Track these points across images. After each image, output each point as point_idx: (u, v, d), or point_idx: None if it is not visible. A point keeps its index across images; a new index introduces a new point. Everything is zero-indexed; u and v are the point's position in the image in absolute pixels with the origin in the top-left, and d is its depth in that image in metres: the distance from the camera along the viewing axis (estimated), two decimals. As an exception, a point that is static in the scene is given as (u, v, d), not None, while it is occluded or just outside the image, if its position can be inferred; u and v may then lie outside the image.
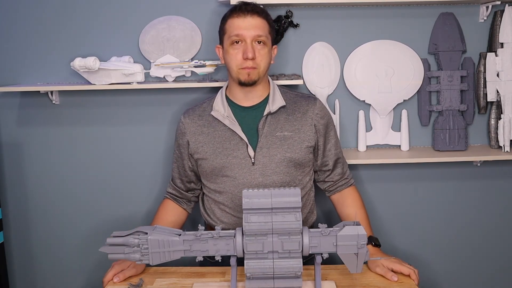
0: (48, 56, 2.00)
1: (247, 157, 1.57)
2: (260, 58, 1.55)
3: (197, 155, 1.63)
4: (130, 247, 1.26)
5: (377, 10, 1.97)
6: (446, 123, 1.98)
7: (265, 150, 1.57)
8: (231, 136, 1.59)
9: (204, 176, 1.66)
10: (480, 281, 2.16)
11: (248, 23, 1.54)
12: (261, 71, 1.56)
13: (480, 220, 2.12)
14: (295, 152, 1.59)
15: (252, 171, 1.57)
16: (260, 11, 1.57)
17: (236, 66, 1.56)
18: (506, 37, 1.91)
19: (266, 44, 1.56)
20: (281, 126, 1.60)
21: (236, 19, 1.55)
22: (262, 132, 1.58)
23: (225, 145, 1.59)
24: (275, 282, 1.26)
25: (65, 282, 2.15)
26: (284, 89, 1.69)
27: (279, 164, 1.57)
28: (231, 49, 1.56)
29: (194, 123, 1.65)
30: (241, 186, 1.57)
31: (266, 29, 1.57)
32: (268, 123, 1.59)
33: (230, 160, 1.58)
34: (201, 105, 1.69)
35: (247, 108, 1.62)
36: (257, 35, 1.54)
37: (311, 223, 1.70)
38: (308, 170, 1.66)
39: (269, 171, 1.57)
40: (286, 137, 1.59)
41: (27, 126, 2.06)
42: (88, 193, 2.09)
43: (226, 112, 1.61)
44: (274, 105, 1.60)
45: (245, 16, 1.54)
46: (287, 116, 1.61)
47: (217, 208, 1.64)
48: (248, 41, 1.53)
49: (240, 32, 1.54)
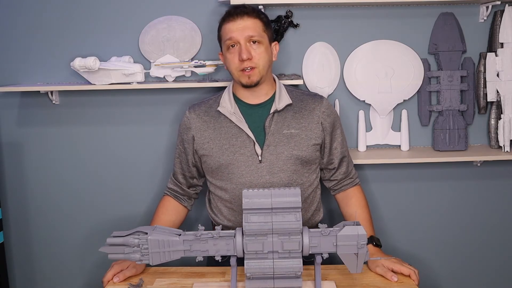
0: (48, 56, 2.00)
1: (254, 155, 1.57)
2: (257, 57, 1.55)
3: (202, 151, 1.63)
4: (130, 247, 1.26)
5: (377, 10, 1.97)
6: (446, 123, 1.98)
7: (272, 148, 1.57)
8: (238, 133, 1.59)
9: (209, 172, 1.66)
10: (480, 281, 2.16)
11: (239, 25, 1.55)
12: (261, 69, 1.56)
13: (480, 220, 2.12)
14: (302, 149, 1.59)
15: (259, 169, 1.57)
16: (250, 11, 1.58)
17: (235, 70, 1.57)
18: (506, 37, 1.91)
19: (261, 42, 1.56)
20: (288, 124, 1.60)
21: (228, 24, 1.57)
22: (269, 130, 1.59)
23: (231, 142, 1.59)
24: (275, 282, 1.26)
25: (65, 282, 2.15)
26: (290, 88, 1.69)
27: (286, 162, 1.58)
28: (228, 54, 1.58)
29: (200, 118, 1.64)
30: (248, 183, 1.57)
31: (259, 28, 1.57)
32: (274, 121, 1.60)
33: (237, 157, 1.58)
34: (207, 101, 1.69)
35: (253, 106, 1.63)
36: (249, 36, 1.54)
37: (318, 221, 1.69)
38: (314, 167, 1.66)
39: (276, 168, 1.57)
40: (293, 134, 1.59)
41: (27, 126, 2.06)
42: (88, 193, 2.10)
43: (233, 108, 1.61)
44: (280, 103, 1.60)
45: (235, 19, 1.55)
46: (293, 113, 1.61)
47: (223, 206, 1.64)
48: (242, 43, 1.54)
49: (233, 35, 1.55)
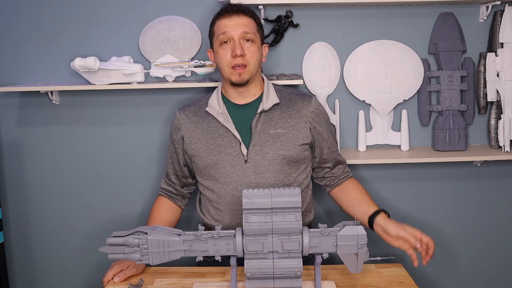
0: (48, 56, 2.00)
1: (240, 155, 1.57)
2: (250, 55, 1.55)
3: (191, 151, 1.63)
4: (130, 247, 1.26)
5: (377, 10, 1.97)
6: (446, 123, 1.98)
7: (257, 148, 1.57)
8: (225, 133, 1.59)
9: (197, 172, 1.66)
10: (481, 281, 2.15)
11: (235, 21, 1.55)
12: (251, 68, 1.56)
13: (480, 220, 2.12)
14: (289, 149, 1.58)
15: (244, 169, 1.57)
16: (246, 10, 1.58)
17: (226, 66, 1.56)
18: (506, 37, 1.91)
19: (254, 41, 1.56)
20: (275, 124, 1.59)
21: (223, 20, 1.56)
22: (256, 130, 1.58)
23: (218, 142, 1.59)
24: (275, 282, 1.26)
25: (65, 282, 2.15)
26: (279, 87, 1.69)
27: (271, 162, 1.57)
28: (220, 49, 1.56)
29: (189, 119, 1.65)
30: (234, 184, 1.57)
31: (253, 27, 1.57)
32: (261, 120, 1.59)
33: (223, 157, 1.58)
34: (197, 102, 1.70)
35: (241, 106, 1.63)
36: (244, 32, 1.54)
37: (308, 222, 1.68)
38: (304, 167, 1.64)
39: (261, 169, 1.57)
40: (280, 134, 1.58)
41: (27, 126, 2.06)
42: (89, 193, 2.10)
43: (221, 109, 1.61)
44: (267, 103, 1.60)
45: (231, 16, 1.55)
46: (281, 113, 1.61)
47: (211, 206, 1.64)
48: (236, 39, 1.54)
49: (227, 30, 1.54)
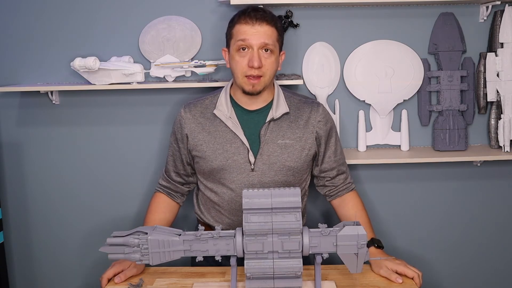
0: (48, 56, 2.00)
1: (247, 163, 1.56)
2: (266, 67, 1.51)
3: (196, 153, 1.61)
4: (130, 247, 1.26)
5: (377, 10, 1.97)
6: (446, 123, 1.98)
7: (265, 157, 1.56)
8: (233, 138, 1.57)
9: (201, 173, 1.65)
10: (481, 281, 2.15)
11: (256, 30, 1.49)
12: (267, 79, 1.53)
13: (480, 220, 2.11)
14: (295, 161, 1.58)
15: (250, 177, 1.56)
16: (269, 19, 1.52)
17: (241, 74, 1.52)
18: (506, 37, 1.91)
19: (273, 52, 1.52)
20: (283, 134, 1.58)
21: (244, 25, 1.51)
22: (264, 139, 1.57)
23: (225, 147, 1.57)
24: (275, 282, 1.26)
25: (65, 282, 2.15)
26: (288, 93, 1.65)
27: (277, 173, 1.57)
28: (237, 56, 1.52)
29: (195, 119, 1.62)
30: (238, 190, 1.56)
31: (274, 37, 1.53)
32: (270, 129, 1.58)
33: (230, 163, 1.57)
34: (203, 101, 1.65)
35: (250, 112, 1.60)
36: (264, 43, 1.50)
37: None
38: (305, 177, 1.66)
39: (267, 178, 1.57)
40: (287, 145, 1.57)
41: (27, 126, 2.06)
42: (89, 193, 2.09)
43: (229, 113, 1.58)
44: (277, 111, 1.57)
45: (253, 23, 1.50)
46: (289, 123, 1.59)
47: (212, 208, 1.64)
48: (255, 49, 1.50)
49: (247, 38, 1.49)
